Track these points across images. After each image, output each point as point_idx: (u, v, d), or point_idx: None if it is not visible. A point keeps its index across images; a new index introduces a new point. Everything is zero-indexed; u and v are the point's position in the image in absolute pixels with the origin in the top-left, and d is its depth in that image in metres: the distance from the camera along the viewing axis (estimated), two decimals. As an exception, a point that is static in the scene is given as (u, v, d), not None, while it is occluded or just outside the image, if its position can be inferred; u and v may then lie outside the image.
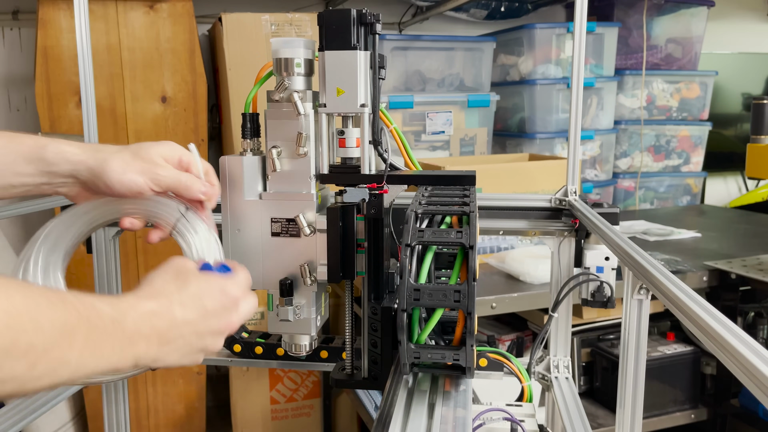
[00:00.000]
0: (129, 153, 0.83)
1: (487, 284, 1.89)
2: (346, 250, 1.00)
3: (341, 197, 1.01)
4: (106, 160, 0.81)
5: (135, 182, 0.81)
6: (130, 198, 0.84)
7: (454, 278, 0.77)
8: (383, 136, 1.01)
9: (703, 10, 3.05)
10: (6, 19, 2.48)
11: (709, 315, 0.63)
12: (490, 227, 1.27)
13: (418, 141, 2.52)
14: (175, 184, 0.84)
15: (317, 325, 1.06)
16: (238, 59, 2.26)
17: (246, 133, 1.05)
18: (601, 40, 2.75)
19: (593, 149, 2.82)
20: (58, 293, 0.58)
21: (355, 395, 2.23)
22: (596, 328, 2.11)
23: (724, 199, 3.68)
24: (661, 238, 2.38)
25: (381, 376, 1.02)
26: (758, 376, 0.50)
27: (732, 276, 1.94)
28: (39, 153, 0.80)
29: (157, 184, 0.83)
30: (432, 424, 0.74)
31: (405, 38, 2.65)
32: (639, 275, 0.85)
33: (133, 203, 0.86)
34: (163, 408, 2.44)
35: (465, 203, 0.84)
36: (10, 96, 2.54)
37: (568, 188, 1.25)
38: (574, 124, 1.27)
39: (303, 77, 1.00)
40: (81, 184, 0.83)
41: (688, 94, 3.02)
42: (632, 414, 0.92)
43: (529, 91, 2.69)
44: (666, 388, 2.09)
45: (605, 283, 1.20)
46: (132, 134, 2.25)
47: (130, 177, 0.81)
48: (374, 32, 0.97)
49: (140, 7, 2.21)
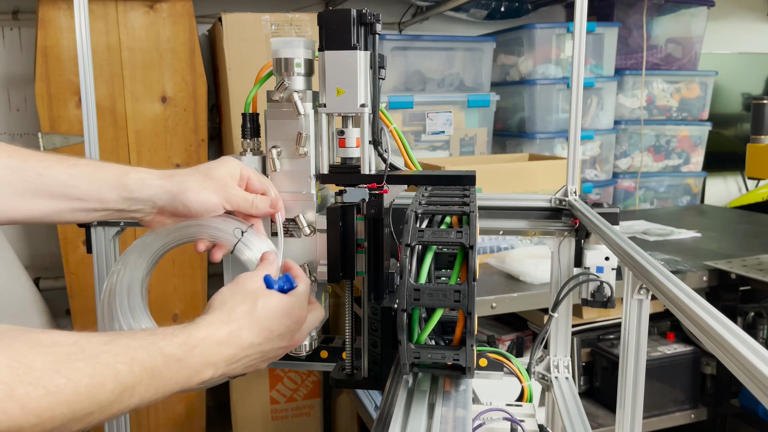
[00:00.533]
0: (201, 174, 0.90)
1: (487, 284, 1.89)
2: (346, 250, 1.00)
3: (341, 197, 1.01)
4: (182, 182, 0.88)
5: (210, 201, 0.89)
6: (197, 221, 0.92)
7: (454, 278, 0.77)
8: (383, 136, 1.01)
9: (703, 10, 3.04)
10: (6, 19, 2.48)
11: (709, 315, 0.63)
12: (490, 227, 1.27)
13: (418, 141, 2.52)
14: (245, 204, 0.93)
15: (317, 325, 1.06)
16: (238, 59, 2.26)
17: (246, 133, 1.05)
18: (601, 40, 2.75)
19: (593, 149, 2.82)
20: (127, 353, 0.62)
21: (355, 395, 2.23)
22: (596, 328, 2.10)
23: (724, 199, 3.68)
24: (661, 238, 2.38)
25: (381, 376, 1.02)
26: (758, 376, 0.50)
27: (732, 276, 1.94)
28: (121, 180, 0.87)
29: (229, 203, 0.91)
30: (432, 424, 0.74)
31: (405, 38, 2.65)
32: (639, 275, 0.85)
33: (198, 227, 0.93)
34: (163, 408, 2.44)
35: (465, 203, 0.84)
36: (10, 96, 2.54)
37: (568, 188, 1.25)
38: (574, 124, 1.27)
39: (303, 77, 1.00)
40: (158, 209, 0.90)
41: (688, 94, 3.02)
42: (632, 414, 0.92)
43: (529, 91, 2.69)
44: (666, 388, 2.08)
45: (605, 283, 1.20)
46: (132, 134, 2.25)
47: (205, 196, 0.88)
48: (374, 32, 0.97)
49: (140, 7, 2.21)
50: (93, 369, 0.58)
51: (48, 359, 0.55)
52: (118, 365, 0.60)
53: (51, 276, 2.60)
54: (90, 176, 0.86)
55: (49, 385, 0.53)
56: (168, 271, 2.34)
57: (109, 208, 0.88)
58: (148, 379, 0.62)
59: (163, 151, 2.28)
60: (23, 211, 0.83)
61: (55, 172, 0.84)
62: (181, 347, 0.68)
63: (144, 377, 0.62)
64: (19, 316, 2.24)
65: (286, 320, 0.80)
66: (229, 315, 0.76)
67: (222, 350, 0.72)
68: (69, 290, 2.27)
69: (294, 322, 0.82)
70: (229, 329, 0.74)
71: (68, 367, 0.55)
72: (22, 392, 0.51)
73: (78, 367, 0.56)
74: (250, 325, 0.76)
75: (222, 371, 0.73)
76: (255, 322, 0.77)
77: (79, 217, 0.88)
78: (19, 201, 0.82)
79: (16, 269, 2.29)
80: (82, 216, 0.88)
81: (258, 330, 0.77)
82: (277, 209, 0.97)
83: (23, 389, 0.51)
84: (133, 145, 2.25)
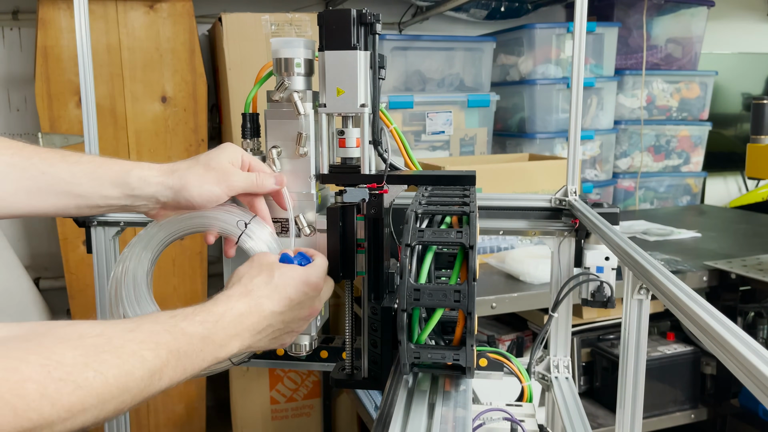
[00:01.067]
0: (201, 166, 0.90)
1: (487, 284, 1.89)
2: (346, 250, 1.00)
3: (341, 197, 1.01)
4: (183, 177, 0.89)
5: (213, 193, 0.89)
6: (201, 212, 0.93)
7: (454, 278, 0.77)
8: (383, 136, 1.01)
9: (703, 10, 3.04)
10: (6, 19, 2.48)
11: (709, 315, 0.63)
12: (490, 227, 1.27)
13: (418, 141, 2.52)
14: (249, 186, 0.93)
15: (317, 325, 1.06)
16: (238, 59, 2.26)
17: (246, 133, 1.05)
18: (601, 40, 2.75)
19: (593, 149, 2.82)
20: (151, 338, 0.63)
21: (355, 395, 2.23)
22: (596, 328, 2.10)
23: (724, 199, 3.67)
24: (661, 238, 2.38)
25: (381, 376, 1.02)
26: (758, 376, 0.50)
27: (732, 276, 1.94)
28: (123, 178, 0.88)
29: (232, 190, 0.91)
30: (432, 424, 0.74)
31: (405, 38, 2.65)
32: (639, 275, 0.85)
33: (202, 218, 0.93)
34: (163, 408, 2.44)
35: (465, 203, 0.84)
36: (10, 96, 2.54)
37: (568, 188, 1.25)
38: (574, 124, 1.27)
39: (303, 77, 1.00)
40: (161, 204, 0.91)
41: (688, 94, 3.02)
42: (632, 414, 0.92)
43: (529, 91, 2.69)
44: (666, 388, 2.08)
45: (605, 283, 1.20)
46: (132, 134, 2.25)
47: (207, 189, 0.89)
48: (374, 32, 0.97)
49: (140, 7, 2.21)
50: (120, 359, 0.59)
51: (77, 353, 0.56)
52: (144, 352, 0.61)
53: (51, 276, 2.61)
54: (92, 174, 0.87)
55: (79, 379, 0.54)
56: (168, 271, 2.34)
57: (113, 204, 0.89)
58: (174, 361, 0.64)
59: (163, 151, 2.28)
60: (28, 206, 0.85)
61: (57, 169, 0.85)
62: (202, 324, 0.69)
63: (170, 360, 0.63)
64: (19, 316, 2.24)
65: (304, 288, 0.82)
66: (247, 286, 0.78)
67: (244, 321, 0.74)
68: (69, 290, 2.27)
69: (312, 289, 0.84)
70: (249, 299, 0.76)
71: (96, 359, 0.57)
72: (53, 389, 0.52)
73: (105, 359, 0.57)
74: (269, 294, 0.78)
75: (248, 343, 0.75)
76: (274, 290, 0.79)
77: (83, 211, 0.90)
78: (23, 197, 0.84)
79: (16, 269, 2.29)
80: (87, 211, 0.90)
81: (278, 299, 0.79)
82: (283, 184, 0.98)
83: (54, 386, 0.52)
84: (133, 145, 2.25)
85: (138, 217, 1.35)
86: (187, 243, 2.34)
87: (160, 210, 0.93)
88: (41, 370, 0.52)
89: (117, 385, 0.57)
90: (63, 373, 0.53)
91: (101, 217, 1.36)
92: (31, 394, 0.50)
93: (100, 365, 0.56)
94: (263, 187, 0.95)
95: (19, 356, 0.52)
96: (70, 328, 0.58)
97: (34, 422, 0.51)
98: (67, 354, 0.55)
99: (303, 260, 0.88)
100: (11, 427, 0.49)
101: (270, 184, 0.96)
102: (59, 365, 0.53)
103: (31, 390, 0.51)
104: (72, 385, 0.53)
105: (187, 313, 0.70)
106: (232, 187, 0.91)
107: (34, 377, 0.51)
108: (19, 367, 0.51)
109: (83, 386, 0.54)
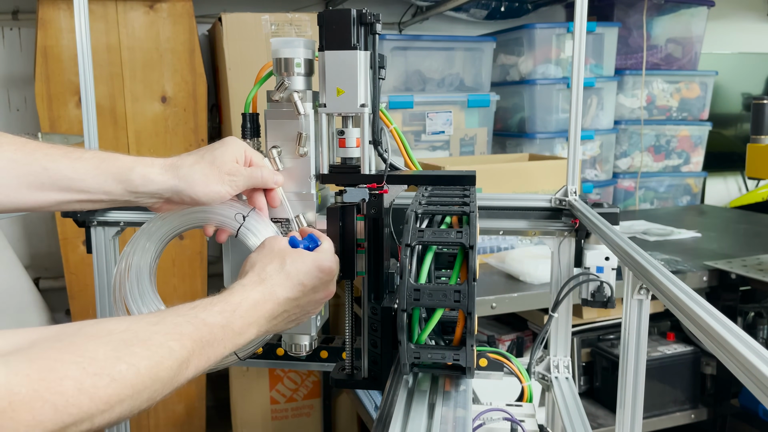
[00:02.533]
0: (206, 163, 0.91)
1: (487, 284, 1.89)
2: (346, 250, 1.00)
3: (341, 197, 1.01)
4: (188, 176, 0.89)
5: (217, 192, 0.91)
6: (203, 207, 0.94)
7: (454, 278, 0.77)
8: (383, 136, 1.01)
9: (703, 10, 3.04)
10: (6, 19, 2.48)
11: (709, 315, 0.63)
12: (490, 227, 1.27)
13: (418, 141, 2.52)
14: (252, 183, 0.95)
15: (317, 325, 1.06)
16: (238, 59, 2.26)
17: (246, 133, 1.05)
18: (601, 40, 2.75)
19: (593, 149, 2.82)
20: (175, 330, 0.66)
21: (355, 395, 2.23)
22: (596, 328, 2.10)
23: (724, 199, 3.67)
24: (661, 238, 2.38)
25: (381, 376, 1.02)
26: (758, 376, 0.50)
27: (732, 276, 1.93)
28: (126, 175, 0.88)
29: (236, 188, 0.93)
30: (432, 424, 0.74)
31: (405, 38, 2.65)
32: (639, 275, 0.85)
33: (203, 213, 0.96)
34: (163, 408, 2.44)
35: (465, 203, 0.84)
36: (10, 96, 2.54)
37: (568, 188, 1.25)
38: (574, 124, 1.27)
39: (303, 77, 1.00)
40: (165, 200, 0.92)
41: (688, 94, 3.02)
42: (632, 414, 0.92)
43: (529, 91, 2.69)
44: (666, 388, 2.08)
45: (605, 283, 1.20)
46: (132, 134, 2.25)
47: (213, 189, 0.90)
48: (374, 32, 0.97)
49: (140, 7, 2.21)
50: (149, 350, 0.61)
51: (108, 348, 0.58)
52: (170, 342, 0.63)
53: (51, 276, 2.60)
54: (95, 170, 0.87)
55: (113, 372, 0.56)
56: (168, 271, 2.34)
57: (116, 199, 0.90)
58: (199, 350, 0.67)
59: (163, 151, 2.28)
60: (31, 201, 0.86)
61: (59, 166, 0.86)
62: (221, 314, 0.72)
63: (195, 349, 0.66)
64: (18, 316, 2.23)
65: (316, 273, 0.85)
66: (260, 275, 0.81)
67: (259, 308, 0.77)
68: (69, 290, 2.27)
69: (326, 274, 0.86)
70: (263, 288, 0.79)
71: (127, 352, 0.59)
72: (90, 384, 0.54)
73: (136, 352, 0.59)
74: (282, 281, 0.81)
75: (265, 328, 0.79)
76: (286, 278, 0.82)
77: (86, 206, 0.91)
78: (26, 193, 0.85)
79: (16, 269, 2.29)
80: (90, 206, 0.91)
81: (291, 286, 0.82)
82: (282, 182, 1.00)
83: (90, 381, 0.54)
84: (133, 145, 2.25)
85: (138, 217, 1.35)
86: (187, 243, 2.34)
87: (163, 204, 0.94)
88: (76, 367, 0.54)
89: (149, 375, 0.60)
90: (97, 368, 0.55)
91: (101, 217, 1.36)
92: (69, 391, 0.52)
93: (131, 358, 0.58)
94: (267, 184, 0.97)
95: (53, 356, 0.54)
96: (99, 326, 0.61)
97: (75, 417, 0.53)
98: (99, 350, 0.57)
99: (311, 243, 0.90)
100: (53, 424, 0.51)
101: (272, 180, 0.97)
102: (93, 361, 0.55)
103: (68, 386, 0.53)
104: (107, 378, 0.56)
105: (206, 304, 0.72)
106: (238, 185, 0.93)
107: (70, 374, 0.53)
108: (54, 366, 0.53)
109: (117, 379, 0.56)
